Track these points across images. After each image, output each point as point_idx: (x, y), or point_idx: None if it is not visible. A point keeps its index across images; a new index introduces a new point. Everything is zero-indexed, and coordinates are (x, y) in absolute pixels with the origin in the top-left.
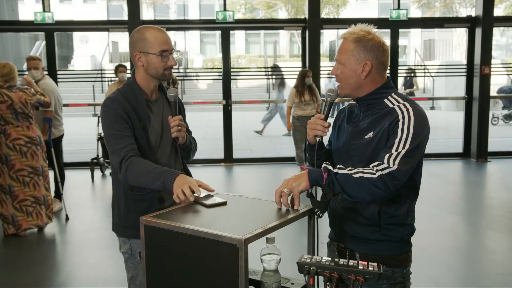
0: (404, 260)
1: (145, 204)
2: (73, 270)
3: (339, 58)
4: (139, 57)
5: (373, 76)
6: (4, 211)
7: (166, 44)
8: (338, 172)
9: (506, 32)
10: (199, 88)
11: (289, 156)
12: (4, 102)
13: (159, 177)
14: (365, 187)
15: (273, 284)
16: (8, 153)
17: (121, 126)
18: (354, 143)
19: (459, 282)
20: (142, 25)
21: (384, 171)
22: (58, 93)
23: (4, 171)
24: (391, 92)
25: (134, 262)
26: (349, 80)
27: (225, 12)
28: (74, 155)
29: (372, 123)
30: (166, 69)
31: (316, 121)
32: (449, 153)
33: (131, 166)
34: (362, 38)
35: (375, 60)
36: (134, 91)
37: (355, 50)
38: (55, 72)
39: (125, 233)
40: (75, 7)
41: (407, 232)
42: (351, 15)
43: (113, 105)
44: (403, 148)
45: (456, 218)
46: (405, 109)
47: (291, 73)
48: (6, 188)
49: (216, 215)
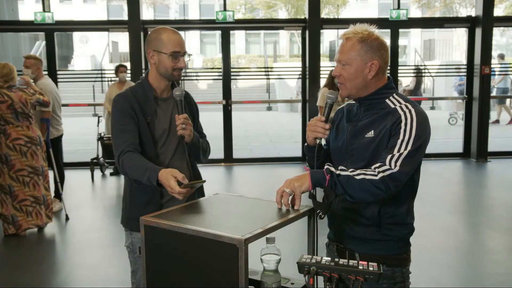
0: (404, 259)
1: (147, 197)
2: (73, 270)
3: (343, 58)
4: (152, 55)
5: (378, 76)
6: (4, 211)
7: (179, 46)
8: (341, 174)
9: (506, 32)
10: (199, 88)
11: (289, 156)
12: (4, 102)
13: (145, 172)
14: (367, 188)
15: (273, 284)
16: (8, 153)
17: (125, 121)
18: (355, 142)
19: (459, 282)
20: (161, 26)
21: (386, 173)
22: (57, 93)
23: (4, 171)
24: (393, 92)
25: (134, 257)
26: (355, 80)
27: (225, 12)
28: (74, 155)
29: (373, 122)
30: (175, 70)
31: (317, 123)
32: (449, 153)
33: (125, 161)
34: (368, 38)
35: (381, 60)
36: (144, 87)
37: (362, 49)
38: (55, 72)
39: (129, 225)
40: (75, 7)
41: (407, 232)
42: (351, 15)
43: (121, 100)
44: (405, 149)
45: (456, 218)
46: (407, 110)
47: (291, 73)
48: (6, 188)
49: (216, 215)
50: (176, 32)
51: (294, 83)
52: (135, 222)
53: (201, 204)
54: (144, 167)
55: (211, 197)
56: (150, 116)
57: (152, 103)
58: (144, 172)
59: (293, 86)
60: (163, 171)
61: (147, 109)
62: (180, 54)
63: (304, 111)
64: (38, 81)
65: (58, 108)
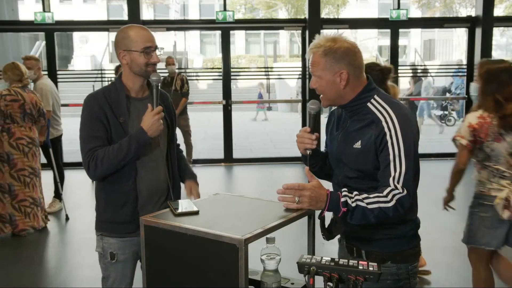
0: (411, 256)
1: (122, 198)
2: (73, 270)
3: (314, 72)
4: (123, 56)
5: (352, 83)
6: (1, 210)
7: (149, 41)
8: (357, 205)
9: (506, 32)
10: (199, 88)
11: (289, 156)
12: (17, 101)
13: (130, 142)
14: (380, 217)
15: (273, 284)
16: (10, 152)
17: (93, 126)
18: (345, 151)
19: (459, 282)
20: (126, 25)
21: (396, 197)
22: (57, 93)
23: (4, 170)
24: (373, 94)
25: (105, 263)
26: (329, 92)
27: (225, 12)
28: (74, 155)
29: (359, 131)
30: (148, 66)
31: (303, 134)
32: (449, 153)
33: (98, 159)
34: (329, 50)
35: (350, 67)
36: (116, 87)
37: (327, 62)
38: (55, 72)
39: (101, 228)
40: (75, 7)
41: (409, 228)
42: (351, 15)
43: (90, 102)
44: (400, 166)
45: (456, 218)
46: (388, 117)
47: (291, 73)
48: (5, 187)
49: (216, 215)
50: (144, 28)
51: (294, 83)
52: (109, 225)
53: (201, 204)
54: (125, 140)
55: (211, 197)
56: (123, 117)
57: (124, 103)
58: (129, 143)
59: (293, 86)
60: (142, 123)
61: (120, 110)
62: (152, 49)
63: (304, 111)
64: (37, 81)
65: (57, 108)
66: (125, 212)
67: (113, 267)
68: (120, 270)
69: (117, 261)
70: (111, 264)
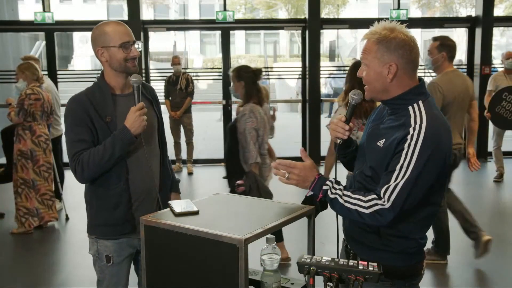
0: (407, 273)
1: (114, 199)
2: (73, 270)
3: (364, 59)
4: (101, 53)
5: (401, 78)
6: (29, 204)
7: (127, 35)
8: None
9: (506, 32)
10: (199, 88)
11: (289, 156)
12: (39, 100)
13: (113, 141)
14: (355, 219)
15: (273, 284)
16: (33, 149)
17: (79, 130)
18: (369, 146)
19: (459, 282)
20: (101, 22)
21: (375, 208)
22: (56, 93)
23: (28, 166)
24: (419, 99)
25: (101, 266)
26: (374, 83)
27: (225, 12)
28: None
29: (389, 129)
30: (128, 61)
31: (338, 123)
32: None
33: (84, 161)
34: (384, 38)
35: (401, 60)
36: (100, 87)
37: (378, 51)
38: (55, 72)
39: (95, 232)
40: (75, 7)
41: (410, 246)
42: (351, 15)
43: (73, 105)
44: (402, 178)
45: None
46: (418, 127)
47: (291, 73)
48: (30, 182)
49: (216, 215)
50: (120, 23)
51: (294, 83)
52: (102, 228)
53: (201, 204)
54: (109, 140)
55: (211, 197)
56: (109, 116)
57: (110, 102)
58: (113, 143)
59: (293, 86)
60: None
61: (105, 109)
62: (130, 44)
63: (304, 111)
64: None
65: (57, 108)
66: (118, 214)
67: (109, 270)
68: (116, 273)
69: (113, 263)
70: (106, 267)
